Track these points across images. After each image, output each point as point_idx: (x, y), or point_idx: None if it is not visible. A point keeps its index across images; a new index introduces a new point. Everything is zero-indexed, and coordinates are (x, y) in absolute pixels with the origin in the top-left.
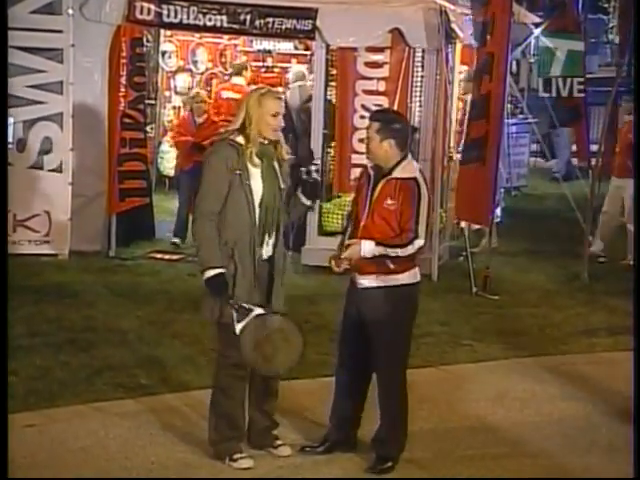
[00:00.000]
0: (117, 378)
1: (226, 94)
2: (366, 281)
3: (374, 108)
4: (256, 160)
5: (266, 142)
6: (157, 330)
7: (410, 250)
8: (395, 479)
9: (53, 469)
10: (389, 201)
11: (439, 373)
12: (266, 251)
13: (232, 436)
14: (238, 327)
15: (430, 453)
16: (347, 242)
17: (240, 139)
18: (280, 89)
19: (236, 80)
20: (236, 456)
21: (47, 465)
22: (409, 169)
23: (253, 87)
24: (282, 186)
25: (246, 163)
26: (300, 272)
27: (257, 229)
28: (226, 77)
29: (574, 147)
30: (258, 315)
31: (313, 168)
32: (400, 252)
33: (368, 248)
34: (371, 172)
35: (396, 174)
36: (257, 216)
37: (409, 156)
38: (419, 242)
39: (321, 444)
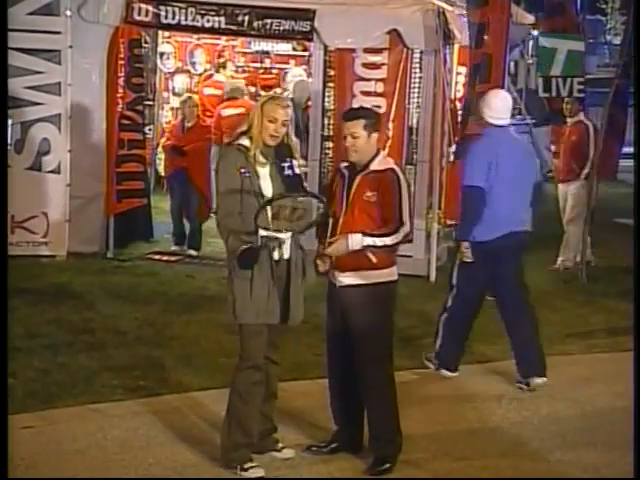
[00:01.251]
0: (115, 379)
1: (207, 90)
2: (347, 279)
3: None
4: (262, 160)
5: (272, 144)
6: (155, 331)
7: (398, 238)
8: (391, 479)
9: (51, 471)
10: (369, 193)
11: (437, 374)
12: (285, 251)
13: (244, 443)
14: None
15: (428, 454)
16: (329, 240)
17: (246, 142)
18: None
19: (217, 77)
20: (247, 465)
21: (45, 467)
22: (385, 162)
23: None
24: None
25: (254, 165)
26: None
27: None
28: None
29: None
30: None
31: (286, 165)
32: (388, 241)
33: (356, 240)
34: (345, 171)
35: (373, 167)
36: (270, 216)
37: (381, 151)
38: (405, 229)
39: (327, 444)
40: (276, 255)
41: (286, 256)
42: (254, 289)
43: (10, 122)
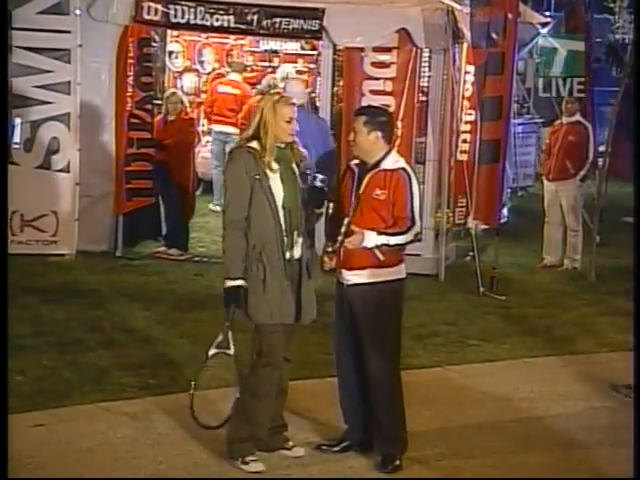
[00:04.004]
0: (124, 378)
1: (223, 88)
2: (355, 278)
3: None
4: (274, 166)
5: (282, 146)
6: (164, 330)
7: (409, 237)
8: (403, 479)
9: (61, 469)
10: (378, 191)
11: (446, 373)
12: (297, 251)
13: (251, 438)
14: (212, 351)
15: (437, 452)
16: (344, 233)
17: (256, 145)
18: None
19: (233, 76)
20: (248, 458)
21: (55, 465)
22: (397, 161)
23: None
24: (302, 186)
25: (264, 169)
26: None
27: (285, 230)
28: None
29: None
30: (227, 354)
31: (319, 177)
32: (401, 240)
33: (371, 238)
34: (355, 168)
35: (384, 166)
36: (282, 218)
37: (394, 150)
38: (416, 229)
39: (337, 443)
40: (287, 255)
41: (297, 256)
42: (267, 289)
43: (19, 121)
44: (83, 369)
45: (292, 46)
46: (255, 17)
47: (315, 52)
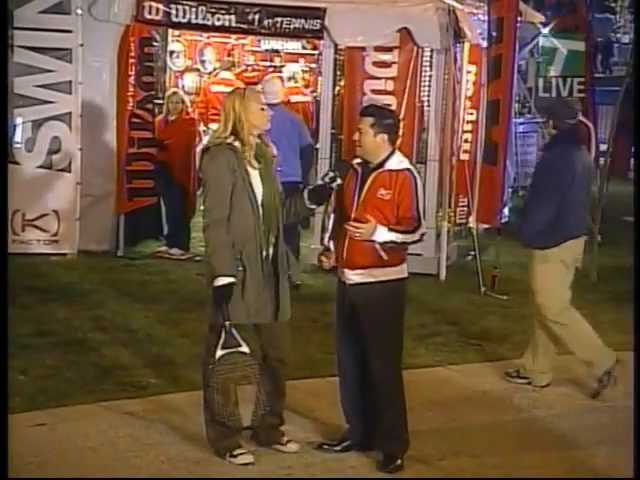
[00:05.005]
0: (126, 377)
1: (215, 88)
2: (357, 277)
3: None
4: (255, 163)
5: (258, 141)
6: (166, 329)
7: (415, 237)
8: (404, 479)
9: (62, 468)
10: (383, 191)
11: (448, 373)
12: (271, 250)
13: (229, 433)
14: (219, 352)
15: (439, 451)
16: (353, 224)
17: (236, 143)
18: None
19: (225, 75)
20: (236, 452)
21: (56, 464)
22: (401, 161)
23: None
24: (279, 183)
25: (245, 166)
26: (307, 271)
27: (262, 229)
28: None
29: None
30: (242, 352)
31: (338, 181)
32: (408, 239)
33: (382, 232)
34: (358, 168)
35: (389, 166)
36: (261, 216)
37: (397, 150)
38: (422, 229)
39: (339, 442)
40: (264, 253)
41: (272, 254)
42: (246, 289)
43: (21, 120)
44: (85, 368)
45: (293, 46)
46: (256, 16)
47: (316, 51)
